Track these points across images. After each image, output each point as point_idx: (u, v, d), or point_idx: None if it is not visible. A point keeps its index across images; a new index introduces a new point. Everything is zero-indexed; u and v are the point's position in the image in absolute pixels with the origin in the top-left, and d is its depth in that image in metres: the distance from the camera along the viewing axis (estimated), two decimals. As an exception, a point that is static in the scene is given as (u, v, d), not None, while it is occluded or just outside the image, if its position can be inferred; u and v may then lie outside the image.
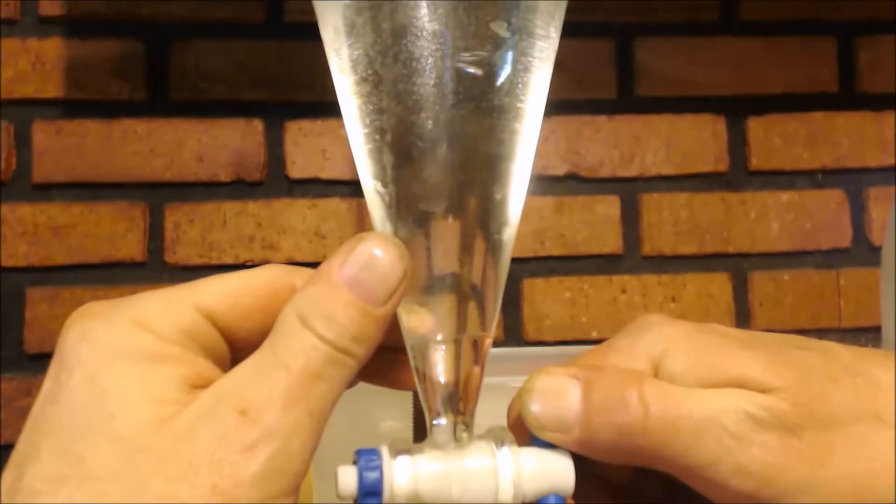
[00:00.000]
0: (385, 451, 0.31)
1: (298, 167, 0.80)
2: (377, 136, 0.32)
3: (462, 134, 0.31)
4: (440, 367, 0.32)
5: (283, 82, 0.80)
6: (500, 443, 0.32)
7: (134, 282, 0.78)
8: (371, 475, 0.30)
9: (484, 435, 0.32)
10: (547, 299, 0.81)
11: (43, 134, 0.78)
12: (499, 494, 0.30)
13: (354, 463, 0.31)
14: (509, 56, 0.30)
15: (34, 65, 0.78)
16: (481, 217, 0.32)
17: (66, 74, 0.78)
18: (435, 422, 0.32)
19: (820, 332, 0.83)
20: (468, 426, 0.32)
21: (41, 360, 0.77)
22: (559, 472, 0.31)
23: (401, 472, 0.30)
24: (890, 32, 0.85)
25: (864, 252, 0.84)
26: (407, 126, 0.31)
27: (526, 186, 0.33)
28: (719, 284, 0.82)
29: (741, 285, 0.83)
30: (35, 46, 0.78)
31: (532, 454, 0.31)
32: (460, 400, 0.32)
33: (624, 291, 0.81)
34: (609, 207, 0.82)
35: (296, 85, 0.80)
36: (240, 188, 0.80)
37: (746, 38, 0.84)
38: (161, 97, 0.79)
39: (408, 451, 0.31)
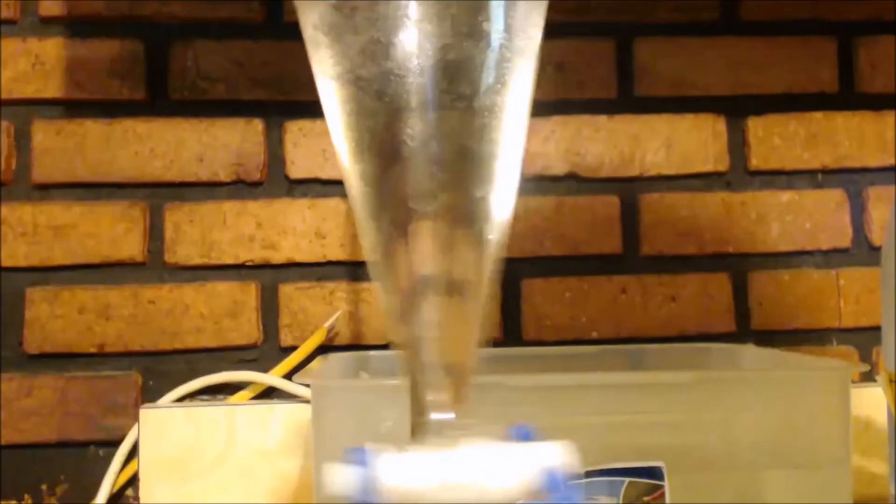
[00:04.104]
0: (375, 450, 0.31)
1: (298, 167, 0.80)
2: (360, 137, 0.32)
3: (445, 133, 0.30)
4: (430, 365, 0.32)
5: (283, 82, 0.80)
6: (491, 439, 0.31)
7: (134, 282, 0.78)
8: (365, 472, 0.30)
9: (475, 432, 0.32)
10: (547, 299, 0.81)
11: (43, 134, 0.78)
12: (491, 490, 0.30)
13: (345, 462, 0.30)
14: (491, 55, 0.30)
15: (34, 65, 0.78)
16: (466, 216, 0.32)
17: (66, 74, 0.78)
18: (426, 420, 0.32)
19: (820, 332, 0.83)
20: (459, 423, 0.32)
21: (41, 360, 0.77)
22: (556, 460, 0.31)
23: (392, 471, 0.30)
24: (890, 32, 0.85)
25: (864, 252, 0.84)
26: (389, 126, 0.31)
27: (514, 185, 0.33)
28: (719, 284, 0.82)
29: (741, 285, 0.82)
30: (35, 46, 0.78)
31: (529, 448, 0.31)
32: (452, 398, 0.32)
33: (624, 291, 0.81)
34: (609, 207, 0.82)
35: (296, 85, 0.80)
36: (240, 188, 0.80)
37: (746, 38, 0.84)
38: (161, 97, 0.79)
39: (399, 450, 0.31)
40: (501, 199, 0.32)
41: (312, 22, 0.31)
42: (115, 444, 0.76)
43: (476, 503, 0.30)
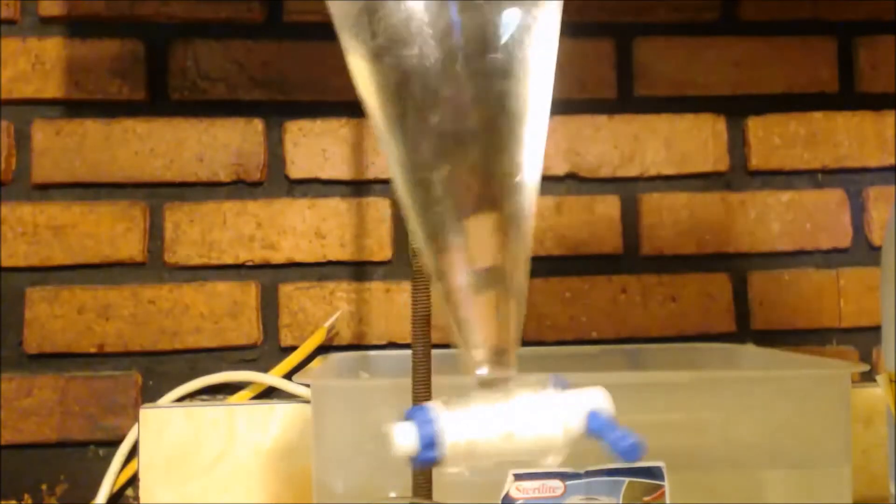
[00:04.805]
0: (439, 405, 0.31)
1: (298, 167, 0.80)
2: (398, 114, 0.32)
3: (481, 108, 0.31)
4: (481, 317, 0.33)
5: (283, 82, 0.80)
6: (542, 387, 0.32)
7: (134, 282, 0.78)
8: (429, 428, 0.31)
9: (526, 382, 0.33)
10: (547, 299, 0.81)
11: (43, 134, 0.78)
12: (547, 435, 0.31)
13: (406, 420, 0.31)
14: (517, 21, 0.31)
15: (34, 65, 0.78)
16: (505, 195, 0.32)
17: (66, 74, 0.78)
18: (478, 372, 0.33)
19: (820, 332, 0.83)
20: (511, 375, 0.33)
21: (41, 360, 0.77)
22: (598, 404, 0.32)
23: (456, 423, 0.31)
24: (890, 32, 0.85)
25: (864, 252, 0.84)
26: (424, 101, 0.31)
27: (541, 162, 0.34)
28: (719, 284, 0.82)
29: (741, 285, 0.82)
30: (35, 46, 0.78)
31: (572, 395, 0.32)
32: (503, 349, 0.33)
33: (624, 291, 0.81)
34: (609, 207, 0.82)
35: (296, 85, 0.80)
36: (240, 188, 0.80)
37: (746, 38, 0.84)
38: (161, 97, 0.79)
39: (459, 404, 0.32)
40: (534, 177, 0.33)
41: (349, 19, 0.32)
42: (115, 444, 0.76)
43: (535, 449, 0.31)
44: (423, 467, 0.31)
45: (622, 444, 0.31)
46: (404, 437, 0.31)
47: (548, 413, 0.32)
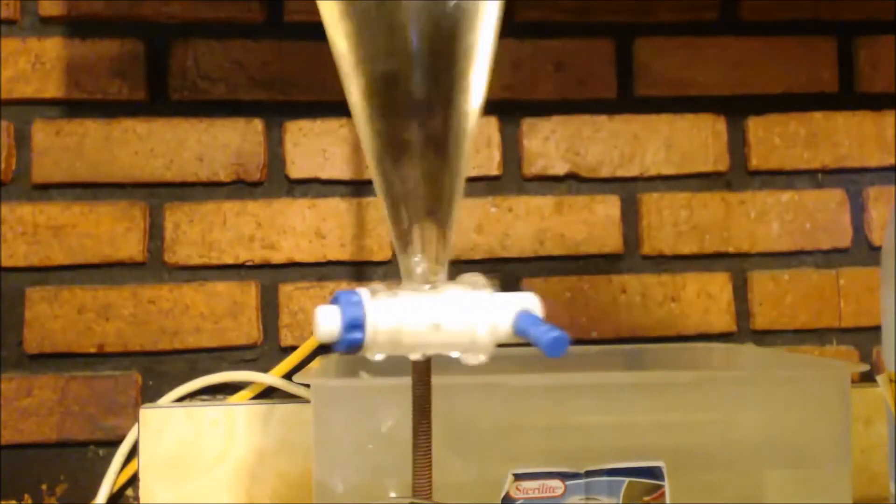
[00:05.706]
0: (366, 291, 0.32)
1: (298, 167, 0.80)
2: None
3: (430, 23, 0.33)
4: (416, 210, 0.33)
5: (283, 82, 0.80)
6: (473, 286, 0.33)
7: (134, 282, 0.78)
8: (353, 311, 0.31)
9: (458, 280, 0.33)
10: (547, 299, 0.81)
11: (43, 134, 0.78)
12: (476, 329, 0.31)
13: (336, 304, 0.31)
14: None
15: (34, 65, 0.78)
16: (445, 75, 0.33)
17: (66, 74, 0.78)
18: (412, 262, 0.33)
19: (820, 332, 0.83)
20: (442, 270, 0.33)
21: (41, 360, 0.77)
22: (527, 306, 0.32)
23: (382, 309, 0.31)
24: (890, 32, 0.85)
25: (864, 252, 0.84)
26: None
27: (491, 35, 0.34)
28: (719, 284, 0.82)
29: (741, 285, 0.83)
30: (35, 46, 0.78)
31: (503, 296, 0.33)
32: (436, 244, 0.34)
33: (624, 291, 0.81)
34: (609, 207, 0.82)
35: (296, 85, 0.80)
36: (240, 188, 0.80)
37: (746, 38, 0.84)
38: (161, 97, 0.79)
39: (387, 292, 0.32)
40: (479, 51, 0.33)
41: None
42: (115, 444, 0.76)
43: (460, 343, 0.31)
44: (347, 351, 0.30)
45: (546, 338, 0.31)
46: (328, 319, 0.31)
47: (476, 310, 0.32)
